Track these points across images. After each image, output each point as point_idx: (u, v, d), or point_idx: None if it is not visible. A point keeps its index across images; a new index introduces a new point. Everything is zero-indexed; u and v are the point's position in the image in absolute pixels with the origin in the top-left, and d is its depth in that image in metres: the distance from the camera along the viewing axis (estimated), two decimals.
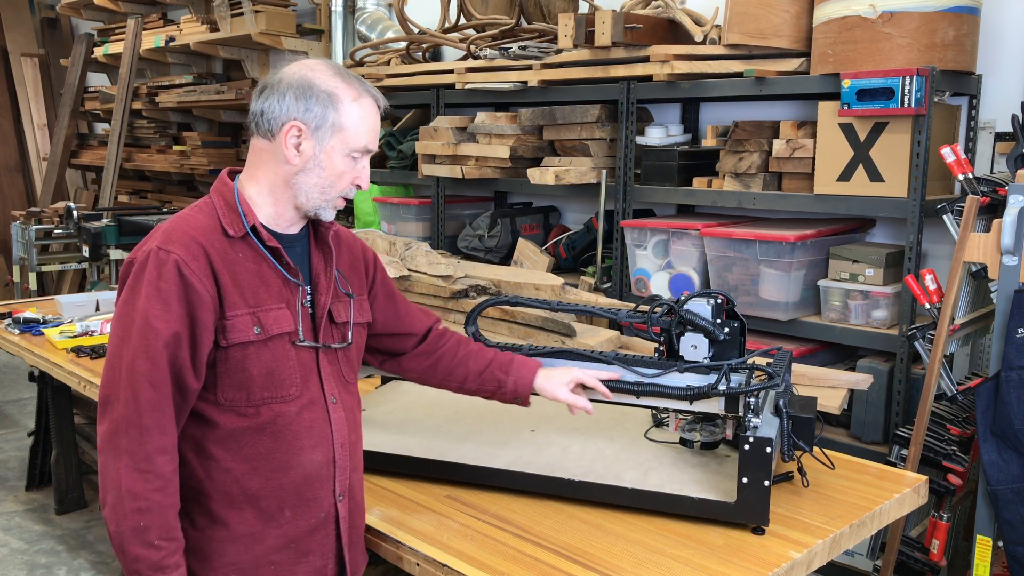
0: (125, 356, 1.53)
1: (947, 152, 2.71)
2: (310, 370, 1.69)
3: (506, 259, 4.31)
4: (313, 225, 1.77)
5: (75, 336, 3.53)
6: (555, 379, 1.99)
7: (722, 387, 1.87)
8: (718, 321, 1.97)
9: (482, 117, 4.18)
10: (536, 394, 2.01)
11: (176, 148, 7.30)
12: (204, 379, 1.60)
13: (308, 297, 1.72)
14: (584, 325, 3.37)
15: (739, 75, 3.27)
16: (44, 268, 6.94)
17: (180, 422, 1.59)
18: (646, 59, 3.50)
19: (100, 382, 1.59)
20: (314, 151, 1.64)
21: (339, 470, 1.73)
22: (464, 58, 4.48)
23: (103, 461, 1.54)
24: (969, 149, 3.27)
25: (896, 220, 3.41)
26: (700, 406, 1.93)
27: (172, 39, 6.67)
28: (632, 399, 1.98)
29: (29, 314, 3.84)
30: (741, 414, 1.86)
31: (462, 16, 4.55)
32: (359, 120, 1.66)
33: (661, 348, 2.04)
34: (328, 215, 1.72)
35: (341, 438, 1.73)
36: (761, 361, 2.02)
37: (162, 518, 1.52)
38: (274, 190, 1.67)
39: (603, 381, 1.98)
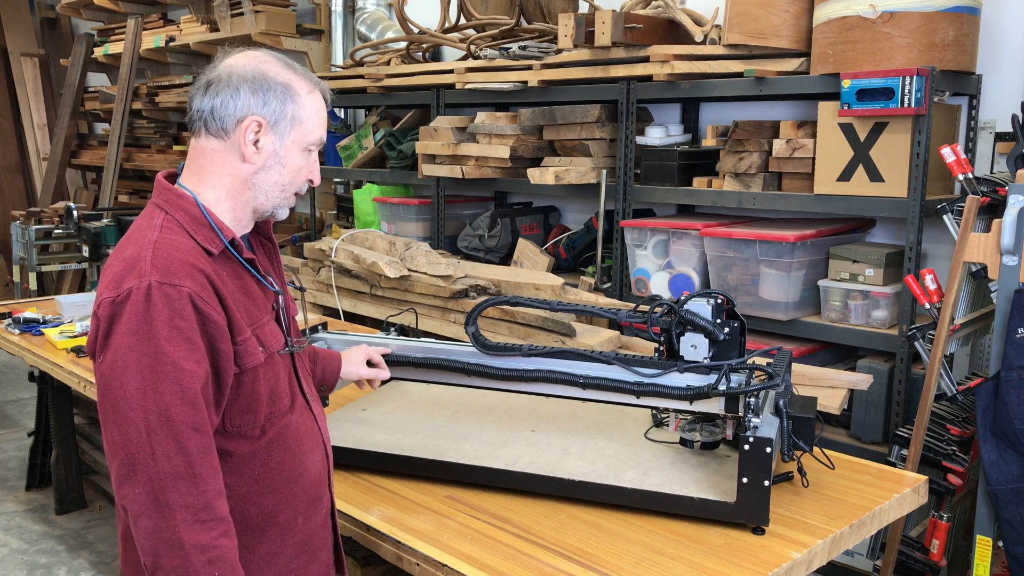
0: (151, 407, 1.40)
1: (947, 152, 2.71)
2: (291, 375, 1.68)
3: (506, 259, 4.31)
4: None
5: (75, 336, 3.53)
6: (355, 360, 2.19)
7: (722, 387, 1.87)
8: (718, 321, 1.97)
9: (482, 117, 4.17)
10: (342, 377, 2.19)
11: (176, 148, 7.30)
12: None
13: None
14: (584, 325, 3.37)
15: (739, 75, 3.27)
16: (44, 268, 6.93)
17: None
18: (646, 59, 3.50)
19: (109, 441, 1.43)
20: (274, 147, 1.56)
21: (329, 462, 1.75)
22: (464, 58, 4.48)
23: (145, 524, 1.40)
24: (969, 149, 3.27)
25: (896, 220, 3.41)
26: (700, 406, 1.93)
27: (172, 39, 6.67)
28: (632, 399, 1.98)
29: (29, 314, 3.84)
30: (741, 414, 1.86)
31: (462, 16, 4.55)
32: (315, 113, 1.59)
33: (661, 348, 2.04)
34: (284, 213, 1.64)
35: (325, 432, 1.76)
36: (761, 361, 2.02)
37: (232, 561, 1.45)
38: (232, 193, 1.57)
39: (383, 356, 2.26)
